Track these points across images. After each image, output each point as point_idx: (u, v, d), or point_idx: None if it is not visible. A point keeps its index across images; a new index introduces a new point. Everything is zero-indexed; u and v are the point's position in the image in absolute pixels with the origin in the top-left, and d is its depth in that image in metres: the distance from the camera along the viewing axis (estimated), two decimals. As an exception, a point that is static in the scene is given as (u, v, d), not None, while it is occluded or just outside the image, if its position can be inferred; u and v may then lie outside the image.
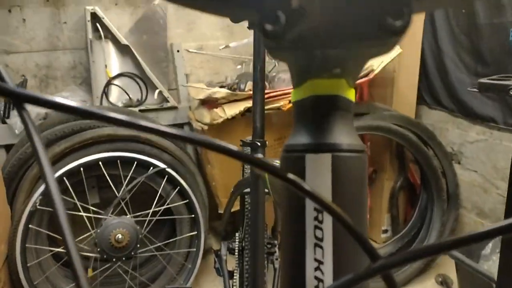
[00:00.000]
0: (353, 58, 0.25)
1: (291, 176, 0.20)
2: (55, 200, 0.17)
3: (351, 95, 0.26)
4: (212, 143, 0.19)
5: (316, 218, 0.25)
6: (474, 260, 1.12)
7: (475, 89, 0.89)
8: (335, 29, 0.23)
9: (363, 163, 0.26)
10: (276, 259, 1.06)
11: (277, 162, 0.35)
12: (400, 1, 0.22)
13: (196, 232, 1.54)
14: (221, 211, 1.66)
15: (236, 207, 1.22)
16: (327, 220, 0.25)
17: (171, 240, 1.58)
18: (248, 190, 1.01)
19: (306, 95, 0.26)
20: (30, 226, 1.33)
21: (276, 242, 1.11)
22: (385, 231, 1.87)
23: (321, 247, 0.25)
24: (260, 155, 0.81)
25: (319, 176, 0.25)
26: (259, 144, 0.83)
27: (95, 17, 1.62)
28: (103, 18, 1.61)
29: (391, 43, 0.23)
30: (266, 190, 0.92)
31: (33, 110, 1.55)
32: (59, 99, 0.17)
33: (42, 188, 1.33)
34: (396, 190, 1.82)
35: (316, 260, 0.25)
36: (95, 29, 1.63)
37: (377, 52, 0.24)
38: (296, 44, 0.23)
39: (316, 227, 0.25)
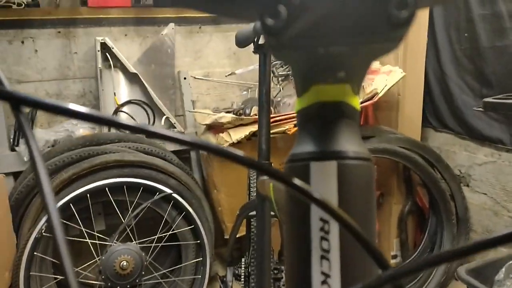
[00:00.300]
0: (357, 57, 0.25)
1: (296, 181, 0.20)
2: (50, 206, 0.17)
3: (356, 103, 0.26)
4: (218, 149, 0.20)
5: (322, 229, 0.24)
6: (487, 286, 1.08)
7: (480, 109, 0.89)
8: (338, 24, 0.23)
9: (370, 171, 0.25)
10: (283, 285, 1.04)
11: None
12: None
13: (201, 259, 1.51)
14: (227, 236, 1.64)
15: (242, 232, 1.21)
16: (334, 230, 0.24)
17: (176, 267, 1.56)
18: (254, 213, 1.00)
19: (311, 102, 0.25)
20: (35, 253, 1.32)
21: (282, 267, 1.09)
22: (395, 257, 1.82)
23: (327, 259, 0.24)
24: (265, 177, 0.81)
25: (324, 184, 0.24)
26: (265, 166, 0.83)
27: (105, 47, 1.66)
28: (113, 48, 1.66)
29: (396, 37, 0.22)
30: (272, 213, 0.91)
31: (43, 138, 1.57)
32: (56, 102, 0.17)
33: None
34: (404, 214, 1.79)
35: (323, 273, 0.24)
36: (105, 59, 1.67)
37: (381, 50, 0.24)
38: (298, 41, 0.23)
39: (322, 238, 0.24)
